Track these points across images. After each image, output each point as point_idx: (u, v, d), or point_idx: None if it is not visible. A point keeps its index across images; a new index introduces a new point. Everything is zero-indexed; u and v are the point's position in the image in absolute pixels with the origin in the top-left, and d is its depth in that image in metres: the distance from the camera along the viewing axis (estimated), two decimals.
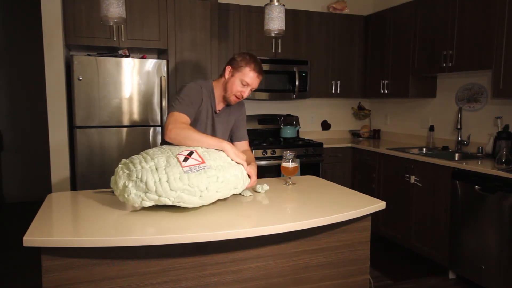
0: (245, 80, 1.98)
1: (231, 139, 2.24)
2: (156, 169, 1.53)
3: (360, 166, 4.01)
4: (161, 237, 1.34)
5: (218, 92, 2.08)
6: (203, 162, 1.60)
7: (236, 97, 2.03)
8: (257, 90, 3.93)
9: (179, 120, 1.84)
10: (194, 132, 1.79)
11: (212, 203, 1.73)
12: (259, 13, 3.93)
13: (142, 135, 3.38)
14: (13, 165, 5.18)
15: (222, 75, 2.07)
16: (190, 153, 1.62)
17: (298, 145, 3.91)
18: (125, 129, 3.32)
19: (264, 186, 1.98)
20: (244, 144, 2.24)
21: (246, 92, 2.02)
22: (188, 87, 2.00)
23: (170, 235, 1.35)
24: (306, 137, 4.48)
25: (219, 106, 2.12)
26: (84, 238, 1.32)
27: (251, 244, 1.61)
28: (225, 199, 1.81)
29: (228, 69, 2.03)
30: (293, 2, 4.28)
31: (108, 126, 3.27)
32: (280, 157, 3.70)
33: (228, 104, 2.11)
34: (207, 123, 2.08)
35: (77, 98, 3.16)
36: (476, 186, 2.74)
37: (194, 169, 1.54)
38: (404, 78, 3.81)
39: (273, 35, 2.43)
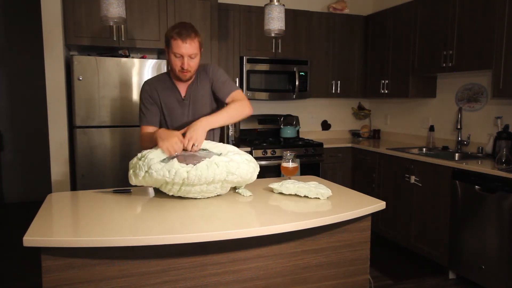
0: (175, 51, 1.89)
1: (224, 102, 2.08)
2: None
3: (360, 166, 4.00)
4: (161, 237, 1.34)
5: (174, 77, 2.04)
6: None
7: (181, 71, 1.94)
8: (257, 90, 3.94)
9: (142, 139, 2.05)
10: (147, 138, 1.97)
11: (212, 203, 1.73)
12: (259, 13, 3.93)
13: None
14: (13, 165, 5.18)
15: None
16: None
17: (298, 145, 3.91)
18: (125, 129, 3.31)
19: (246, 192, 1.91)
20: (232, 97, 2.03)
21: (185, 63, 1.90)
22: (140, 93, 2.08)
23: (170, 235, 1.35)
24: (306, 137, 4.48)
25: (184, 90, 2.06)
26: (84, 238, 1.32)
27: (251, 244, 1.61)
28: (225, 198, 1.82)
29: (166, 50, 1.97)
30: (293, 2, 4.27)
31: (108, 126, 3.27)
32: (280, 157, 3.70)
33: (191, 85, 2.04)
34: (182, 112, 2.05)
35: (77, 98, 3.16)
36: (476, 186, 2.74)
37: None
38: (404, 78, 3.81)
39: (273, 35, 2.43)
